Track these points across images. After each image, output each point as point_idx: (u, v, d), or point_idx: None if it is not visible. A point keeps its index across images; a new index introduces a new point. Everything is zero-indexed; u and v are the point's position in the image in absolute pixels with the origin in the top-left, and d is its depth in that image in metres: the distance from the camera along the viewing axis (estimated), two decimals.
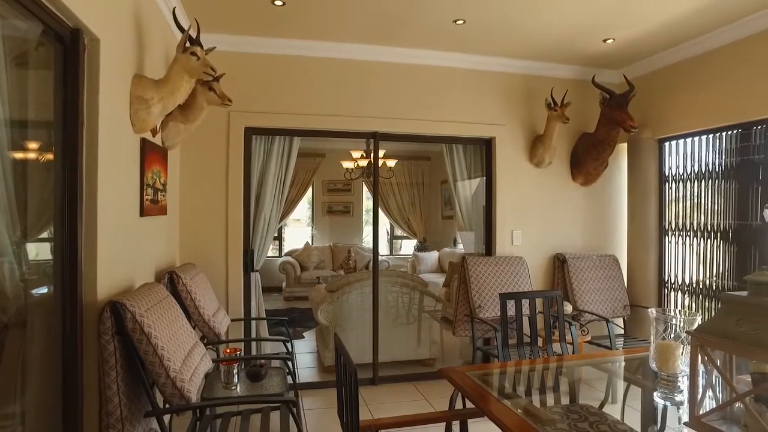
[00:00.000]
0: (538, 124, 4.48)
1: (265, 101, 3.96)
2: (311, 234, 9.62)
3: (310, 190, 9.22)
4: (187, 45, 2.55)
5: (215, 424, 2.46)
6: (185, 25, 2.63)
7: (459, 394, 2.24)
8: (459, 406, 2.41)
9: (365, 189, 9.51)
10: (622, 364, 2.69)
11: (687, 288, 4.15)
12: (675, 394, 1.82)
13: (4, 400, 1.73)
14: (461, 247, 7.48)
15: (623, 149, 4.66)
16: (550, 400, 2.11)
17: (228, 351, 2.95)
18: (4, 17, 1.62)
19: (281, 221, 8.66)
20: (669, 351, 1.83)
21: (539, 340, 3.50)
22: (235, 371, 2.61)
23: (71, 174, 1.98)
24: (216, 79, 2.82)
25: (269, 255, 8.30)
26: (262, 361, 2.83)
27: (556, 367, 2.56)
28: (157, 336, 2.01)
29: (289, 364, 3.03)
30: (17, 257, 1.74)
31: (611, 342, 3.73)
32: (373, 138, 4.26)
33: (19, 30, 1.71)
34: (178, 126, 3.09)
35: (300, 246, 9.15)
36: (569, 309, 4.08)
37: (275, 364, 3.48)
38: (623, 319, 4.42)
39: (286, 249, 9.43)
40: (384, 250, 10.00)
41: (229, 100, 2.91)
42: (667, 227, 4.38)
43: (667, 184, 4.37)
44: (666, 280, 4.38)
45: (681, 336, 1.82)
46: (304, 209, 9.82)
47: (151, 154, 2.83)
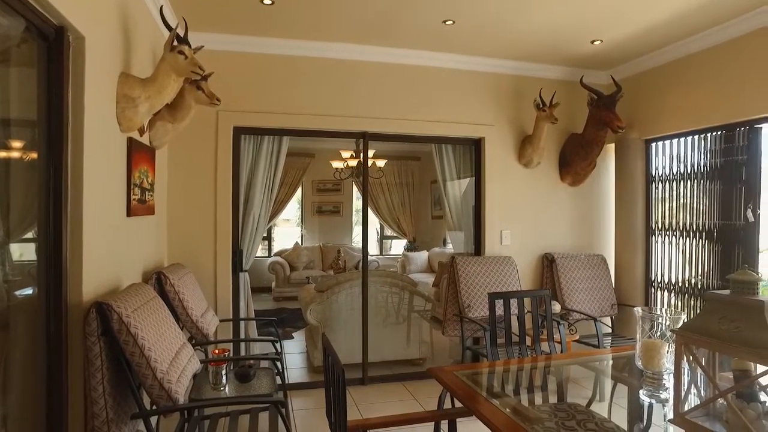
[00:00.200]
0: (526, 124, 4.51)
1: (254, 101, 3.94)
2: (301, 234, 9.59)
3: (299, 190, 9.19)
4: (175, 44, 2.52)
5: (203, 425, 2.44)
6: (173, 24, 2.62)
7: (448, 393, 2.24)
8: (448, 405, 2.42)
9: (355, 189, 9.50)
10: (609, 362, 2.72)
11: (673, 287, 4.21)
12: (660, 391, 1.84)
13: None
14: (451, 247, 7.51)
15: (611, 150, 4.71)
16: (538, 398, 2.12)
17: (216, 352, 2.94)
18: None
19: (270, 221, 8.63)
20: (654, 349, 1.85)
21: (528, 339, 3.52)
22: (224, 372, 2.59)
23: (56, 173, 1.96)
24: (204, 78, 2.80)
25: (258, 255, 8.27)
26: (250, 362, 2.82)
27: (544, 366, 2.58)
28: (144, 337, 1.99)
29: (278, 364, 3.02)
30: (0, 258, 1.72)
31: (599, 341, 3.77)
32: (363, 138, 4.26)
33: (1, 26, 1.68)
34: (165, 125, 3.06)
35: (289, 246, 9.12)
36: (557, 308, 4.11)
37: (264, 364, 3.46)
38: (611, 318, 4.47)
39: (275, 249, 9.39)
40: (374, 250, 10.00)
41: (218, 99, 2.89)
42: (654, 227, 4.43)
43: (654, 184, 4.43)
44: (653, 279, 4.43)
45: (666, 334, 1.85)
46: (293, 209, 9.79)
47: (139, 153, 2.80)
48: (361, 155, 4.48)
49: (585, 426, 1.62)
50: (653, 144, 4.42)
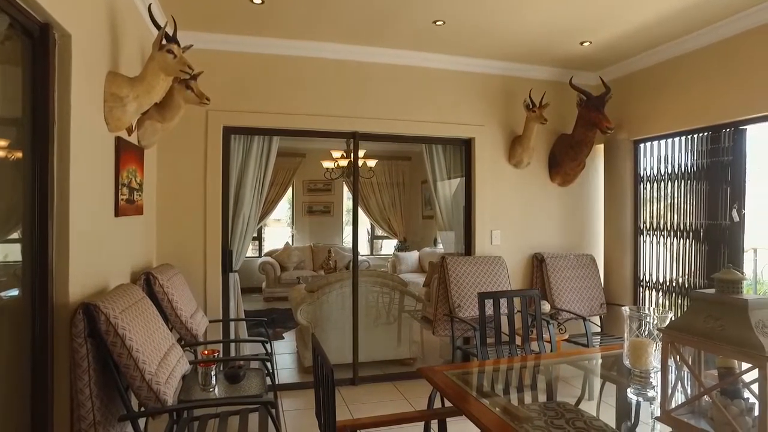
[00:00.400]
0: (516, 124, 4.53)
1: (244, 100, 3.92)
2: (291, 234, 9.56)
3: (290, 189, 9.16)
4: (164, 42, 2.50)
5: (192, 426, 2.43)
6: (161, 22, 2.59)
7: (438, 393, 2.25)
8: (439, 405, 2.43)
9: (346, 189, 9.49)
10: (598, 361, 2.73)
11: (661, 286, 4.25)
12: (647, 390, 1.86)
13: None
14: (441, 247, 7.52)
15: (600, 150, 4.75)
16: (527, 398, 2.13)
17: (206, 352, 2.92)
18: None
19: (261, 221, 8.59)
20: (641, 348, 1.87)
21: (517, 338, 3.54)
22: (213, 373, 2.58)
23: (41, 173, 1.94)
24: (193, 78, 2.78)
25: (249, 255, 8.24)
26: (240, 363, 2.80)
27: (533, 366, 2.59)
28: (132, 338, 1.98)
29: (268, 365, 3.00)
30: None
31: (588, 340, 3.80)
32: (353, 138, 4.25)
33: None
34: (154, 125, 3.03)
35: (280, 246, 9.08)
36: (547, 308, 4.14)
37: (254, 365, 3.44)
38: (600, 317, 4.50)
39: (266, 249, 9.35)
40: (364, 250, 10.00)
41: (207, 98, 2.87)
42: (642, 227, 4.48)
43: (642, 184, 4.47)
44: (641, 278, 4.47)
45: (654, 333, 1.86)
46: (284, 209, 9.76)
47: (127, 153, 2.77)
48: (352, 155, 4.47)
49: (574, 425, 1.64)
50: (642, 145, 4.47)
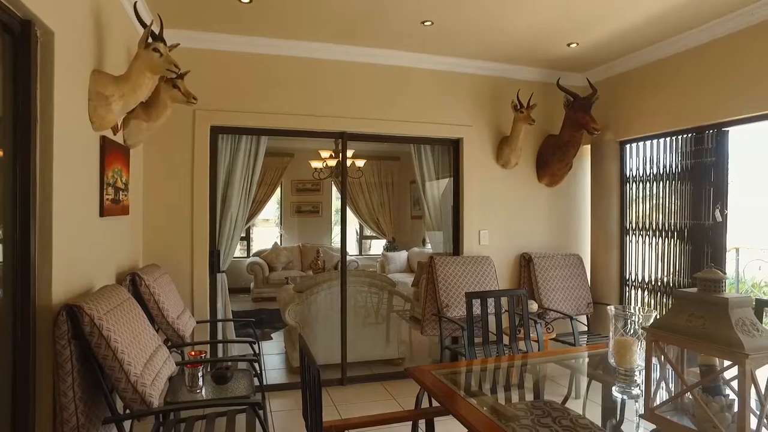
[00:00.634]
0: (504, 125, 4.55)
1: (232, 100, 3.89)
2: (280, 234, 9.52)
3: (278, 189, 9.11)
4: (150, 41, 2.48)
5: (179, 428, 2.41)
6: (147, 21, 2.56)
7: (426, 392, 2.25)
8: (426, 404, 2.43)
9: (334, 189, 9.47)
10: (585, 360, 2.76)
11: (647, 285, 4.30)
12: (632, 388, 1.89)
13: None
14: (430, 247, 7.54)
15: (587, 151, 4.79)
16: (515, 396, 2.15)
17: (193, 353, 2.89)
18: None
19: (249, 221, 8.55)
20: (626, 347, 1.89)
21: (505, 338, 3.56)
22: (200, 374, 2.55)
23: (24, 172, 1.90)
24: (180, 77, 2.75)
25: (237, 255, 8.17)
26: (228, 364, 2.78)
27: (521, 365, 2.61)
28: (117, 340, 1.95)
29: (256, 365, 2.99)
30: None
31: (575, 339, 3.83)
32: (341, 138, 4.25)
33: None
34: (140, 124, 3.00)
35: (268, 246, 9.03)
36: (534, 307, 4.17)
37: (242, 366, 3.42)
38: (587, 317, 4.55)
39: (254, 249, 9.30)
40: (353, 250, 9.98)
41: (194, 98, 2.84)
42: (628, 227, 4.53)
43: (628, 185, 4.52)
44: (627, 277, 4.52)
45: (639, 332, 1.89)
46: (272, 209, 9.71)
47: (112, 152, 2.74)
48: (340, 155, 4.47)
49: (560, 423, 1.65)
50: (628, 146, 4.52)
